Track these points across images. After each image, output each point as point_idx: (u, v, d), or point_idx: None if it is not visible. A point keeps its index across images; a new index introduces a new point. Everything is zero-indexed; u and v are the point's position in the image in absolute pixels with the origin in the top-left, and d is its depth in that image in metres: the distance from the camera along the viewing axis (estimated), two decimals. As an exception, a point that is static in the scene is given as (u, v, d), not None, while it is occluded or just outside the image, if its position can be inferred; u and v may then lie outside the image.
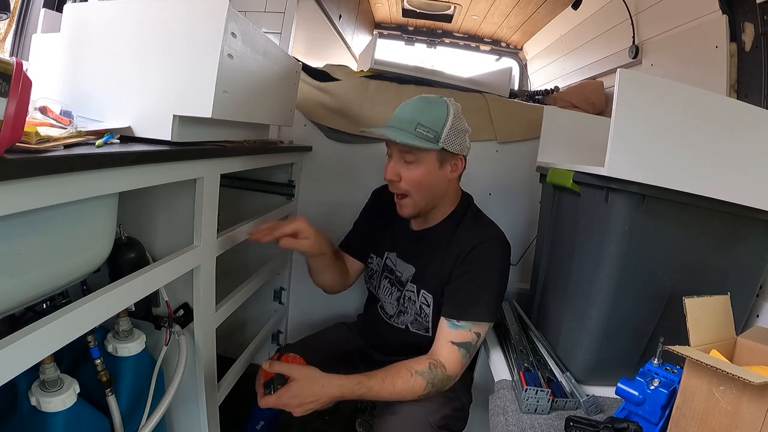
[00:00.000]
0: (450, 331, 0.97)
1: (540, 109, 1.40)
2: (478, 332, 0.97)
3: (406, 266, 1.11)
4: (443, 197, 1.05)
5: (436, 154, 0.97)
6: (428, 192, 1.01)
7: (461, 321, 0.96)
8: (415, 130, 0.94)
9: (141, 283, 0.71)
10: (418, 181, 0.98)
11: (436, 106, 0.98)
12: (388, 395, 0.92)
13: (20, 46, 1.19)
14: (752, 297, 0.93)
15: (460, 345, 0.96)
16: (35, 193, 0.50)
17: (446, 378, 0.95)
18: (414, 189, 0.99)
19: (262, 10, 1.62)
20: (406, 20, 2.90)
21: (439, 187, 1.02)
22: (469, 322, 0.96)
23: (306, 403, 0.87)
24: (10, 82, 0.44)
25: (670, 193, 0.79)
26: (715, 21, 1.19)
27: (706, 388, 0.60)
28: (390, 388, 0.92)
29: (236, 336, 1.57)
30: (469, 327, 0.96)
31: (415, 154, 0.97)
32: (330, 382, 0.89)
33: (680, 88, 0.80)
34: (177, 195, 0.86)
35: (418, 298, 1.08)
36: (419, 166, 0.97)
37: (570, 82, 2.26)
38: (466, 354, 0.96)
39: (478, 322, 0.96)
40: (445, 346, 0.96)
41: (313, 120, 1.57)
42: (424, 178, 0.98)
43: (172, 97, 0.77)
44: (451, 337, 0.96)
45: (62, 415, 0.66)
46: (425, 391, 0.93)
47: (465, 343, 0.96)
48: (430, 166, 0.98)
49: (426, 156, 0.97)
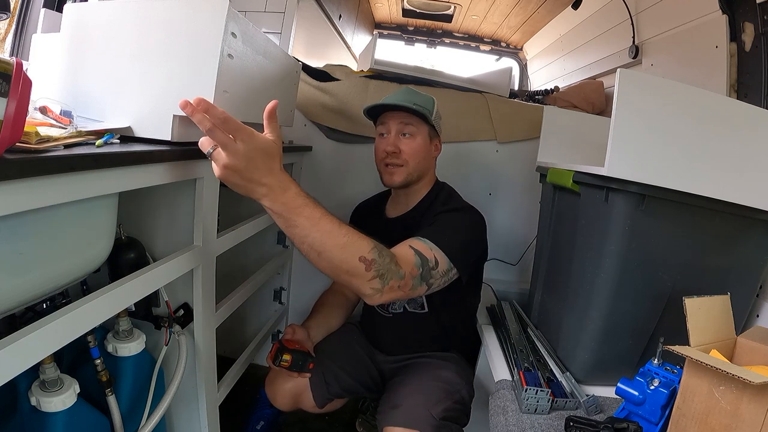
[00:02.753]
0: (413, 239, 0.94)
1: (540, 109, 1.40)
2: (437, 258, 0.92)
3: None
4: (426, 173, 1.17)
5: (427, 129, 1.13)
6: (422, 163, 1.13)
7: (425, 239, 0.94)
8: (413, 105, 1.08)
9: (141, 283, 0.71)
10: (416, 151, 1.11)
11: (422, 94, 1.15)
12: (327, 230, 0.74)
13: (20, 46, 1.19)
14: (752, 297, 0.93)
15: (416, 251, 0.90)
16: (35, 193, 0.50)
17: (393, 264, 0.82)
18: (412, 159, 1.11)
19: (262, 10, 1.62)
20: (406, 20, 2.90)
21: (428, 162, 1.16)
22: (432, 243, 0.93)
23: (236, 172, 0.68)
24: (10, 82, 0.44)
25: (670, 193, 0.79)
26: (715, 21, 1.19)
27: (706, 388, 0.60)
28: (333, 225, 0.75)
29: (236, 336, 1.57)
30: (430, 246, 0.93)
31: (414, 126, 1.11)
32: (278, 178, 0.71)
33: (680, 88, 0.80)
34: (177, 195, 0.86)
35: None
36: (415, 138, 1.11)
37: (570, 82, 2.26)
38: (420, 265, 0.88)
39: (439, 249, 0.93)
40: (402, 246, 0.91)
41: (313, 120, 1.57)
42: (420, 148, 1.12)
43: (172, 97, 0.77)
44: (410, 243, 0.92)
45: (62, 415, 0.66)
46: (369, 256, 0.78)
47: (422, 254, 0.90)
48: (424, 139, 1.13)
49: (421, 129, 1.12)
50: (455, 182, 1.24)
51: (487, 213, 1.12)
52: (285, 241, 1.54)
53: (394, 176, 1.11)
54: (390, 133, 1.12)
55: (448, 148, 1.48)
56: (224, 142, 0.67)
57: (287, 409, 1.18)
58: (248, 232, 1.13)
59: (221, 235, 0.98)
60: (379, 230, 1.16)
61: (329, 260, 0.76)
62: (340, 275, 0.79)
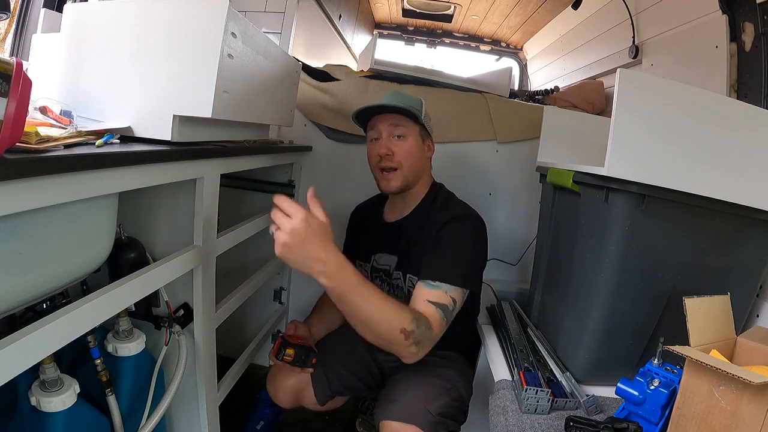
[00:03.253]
0: (426, 290, 0.96)
1: (540, 109, 1.40)
2: (453, 297, 0.96)
3: (389, 258, 1.14)
4: (422, 175, 1.14)
5: (418, 129, 1.11)
6: (416, 165, 1.11)
7: (436, 282, 0.96)
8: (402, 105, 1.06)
9: (141, 283, 0.71)
10: (409, 153, 1.09)
11: (409, 95, 1.13)
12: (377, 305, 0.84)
13: (20, 46, 1.19)
14: (752, 297, 0.93)
15: (436, 305, 0.94)
16: (35, 193, 0.50)
17: (429, 330, 0.90)
18: (405, 161, 1.09)
19: (262, 10, 1.62)
20: (406, 20, 2.90)
21: (422, 163, 1.13)
22: (445, 284, 0.96)
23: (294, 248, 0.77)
24: (10, 82, 0.44)
25: (670, 193, 0.79)
26: (715, 21, 1.19)
27: (706, 388, 0.60)
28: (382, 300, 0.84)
29: (236, 336, 1.57)
30: (445, 289, 0.96)
31: (406, 128, 1.09)
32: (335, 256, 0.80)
33: (680, 88, 0.80)
34: (177, 195, 0.86)
35: (405, 283, 1.11)
36: (407, 140, 1.09)
37: (570, 82, 2.26)
38: (443, 316, 0.94)
39: (453, 286, 0.96)
40: (422, 304, 0.94)
41: (313, 120, 1.57)
42: (413, 150, 1.09)
43: (172, 97, 0.77)
44: (427, 296, 0.95)
45: (62, 415, 0.66)
46: (409, 327, 0.86)
47: (441, 304, 0.94)
48: (416, 139, 1.10)
49: (412, 130, 1.10)
50: (455, 182, 1.24)
51: (487, 213, 1.12)
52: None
53: (391, 182, 1.09)
54: (381, 136, 1.09)
55: (448, 148, 1.49)
56: (281, 222, 0.77)
57: (288, 406, 1.18)
58: (248, 232, 1.13)
59: (221, 235, 0.98)
60: (378, 235, 1.17)
61: (375, 332, 0.87)
62: (381, 342, 0.89)
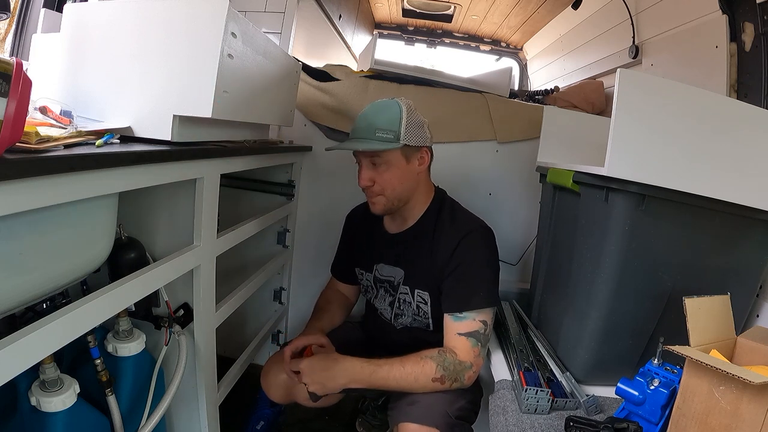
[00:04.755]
0: (454, 324, 0.98)
1: (540, 109, 1.40)
2: (483, 320, 0.98)
3: (394, 270, 1.12)
4: (415, 191, 1.08)
5: (400, 151, 1.01)
6: (400, 189, 1.04)
7: (463, 312, 0.98)
8: (375, 135, 0.99)
9: (141, 283, 0.71)
10: (390, 181, 1.03)
11: (387, 108, 1.03)
12: (398, 377, 0.93)
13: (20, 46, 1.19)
14: (752, 297, 0.93)
15: (467, 335, 0.97)
16: (35, 193, 0.50)
17: (458, 363, 0.95)
18: (387, 189, 1.03)
19: (262, 10, 1.62)
20: (406, 20, 2.90)
21: (410, 183, 1.05)
22: (472, 312, 0.98)
23: (318, 381, 0.93)
24: (10, 82, 0.44)
25: (670, 193, 0.79)
26: (715, 21, 1.19)
27: (706, 388, 0.60)
28: (400, 370, 0.93)
29: (236, 336, 1.57)
30: (472, 317, 0.97)
31: (381, 157, 1.01)
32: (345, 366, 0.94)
33: (680, 88, 0.80)
34: (177, 195, 0.86)
35: (414, 298, 1.09)
36: (388, 168, 1.02)
37: (570, 82, 2.26)
38: (477, 342, 0.97)
39: (480, 310, 0.98)
40: (453, 338, 0.98)
41: (313, 120, 1.57)
42: (395, 177, 1.02)
43: (172, 97, 0.77)
44: (456, 329, 0.98)
45: (62, 415, 0.66)
46: (437, 374, 0.93)
47: (472, 332, 0.97)
48: (398, 164, 1.02)
49: (392, 156, 1.01)
50: (455, 182, 1.24)
51: (487, 213, 1.11)
52: (285, 241, 1.54)
53: (376, 206, 1.06)
54: (362, 165, 1.04)
55: (448, 148, 1.49)
56: (298, 379, 0.97)
57: (281, 402, 1.18)
58: (248, 232, 1.13)
59: (221, 235, 0.98)
60: (380, 245, 1.15)
61: (418, 392, 0.95)
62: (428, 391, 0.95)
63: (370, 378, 0.94)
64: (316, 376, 0.93)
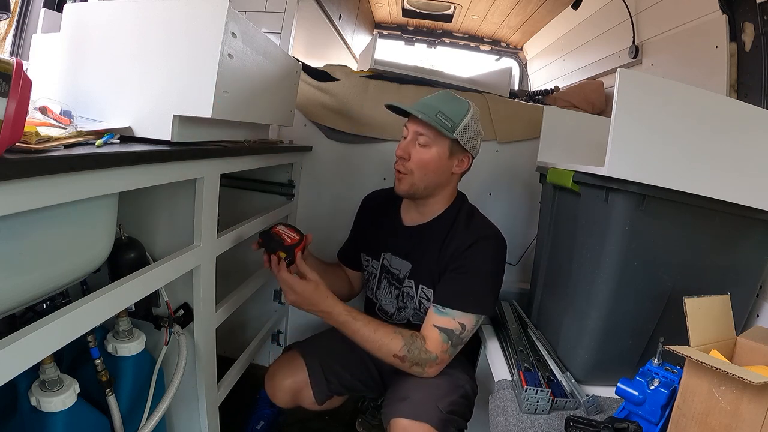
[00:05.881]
0: (434, 315, 0.99)
1: (540, 109, 1.40)
2: (462, 323, 0.98)
3: (402, 263, 1.13)
4: (442, 189, 1.08)
5: (448, 143, 1.02)
6: (431, 177, 1.04)
7: (446, 308, 0.98)
8: (435, 116, 0.99)
9: (141, 283, 0.71)
10: (425, 163, 1.02)
11: (458, 101, 1.05)
12: (366, 337, 0.97)
13: (20, 46, 1.19)
14: (752, 297, 0.93)
15: (441, 329, 0.98)
16: (35, 193, 0.50)
17: (424, 351, 0.97)
18: (419, 170, 1.03)
19: (262, 10, 1.62)
20: (406, 20, 2.90)
21: (441, 177, 1.05)
22: (454, 311, 0.98)
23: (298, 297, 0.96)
24: (10, 82, 0.44)
25: (670, 193, 0.79)
26: (715, 21, 1.20)
27: (706, 388, 0.60)
28: (371, 332, 0.97)
29: (236, 336, 1.57)
30: (453, 315, 0.98)
31: (429, 137, 1.01)
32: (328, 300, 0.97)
33: (680, 88, 0.80)
34: (177, 195, 0.86)
35: (417, 293, 1.10)
36: (430, 150, 1.02)
37: (570, 82, 2.26)
38: (447, 340, 0.98)
39: (464, 313, 0.98)
40: (428, 327, 1.00)
41: (313, 120, 1.57)
42: (431, 162, 1.02)
43: (172, 97, 0.77)
44: (434, 321, 0.99)
45: (62, 415, 0.66)
46: (400, 352, 0.95)
47: (447, 329, 0.98)
48: (441, 153, 1.02)
49: (439, 142, 1.01)
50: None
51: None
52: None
53: (401, 184, 1.06)
54: (407, 137, 1.05)
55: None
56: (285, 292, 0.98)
57: (286, 406, 1.18)
58: (248, 232, 1.13)
59: (221, 235, 0.98)
60: (392, 235, 1.16)
61: (376, 356, 0.99)
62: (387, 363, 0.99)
63: (342, 325, 0.97)
64: (299, 295, 0.95)
